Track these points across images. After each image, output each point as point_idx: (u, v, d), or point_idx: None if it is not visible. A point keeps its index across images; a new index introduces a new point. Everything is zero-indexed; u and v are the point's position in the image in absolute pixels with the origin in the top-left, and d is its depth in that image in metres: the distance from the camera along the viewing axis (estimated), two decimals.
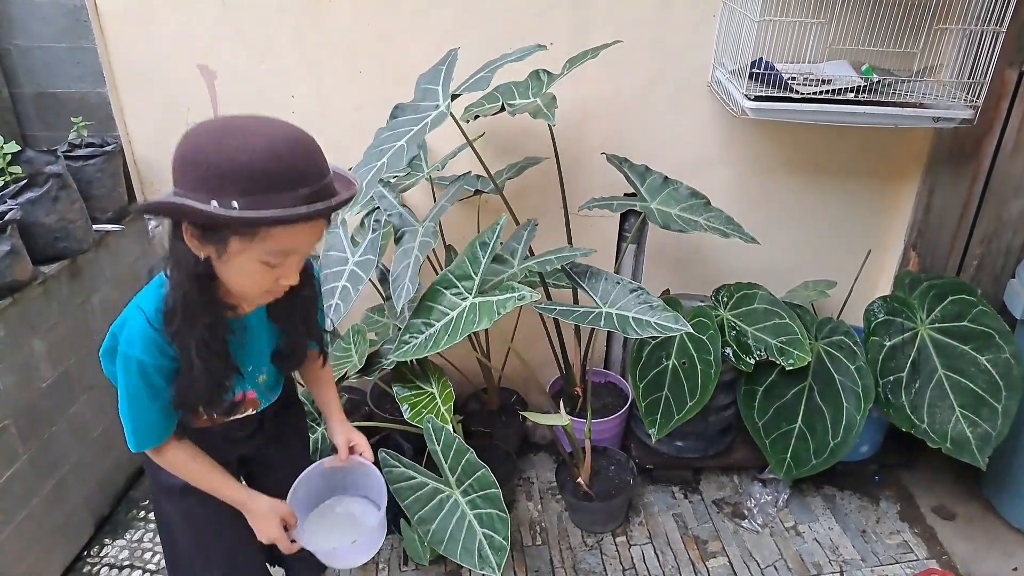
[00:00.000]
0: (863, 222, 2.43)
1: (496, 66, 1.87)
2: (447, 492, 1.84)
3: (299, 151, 0.96)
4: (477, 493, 1.81)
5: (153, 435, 1.19)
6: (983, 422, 2.00)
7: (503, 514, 1.77)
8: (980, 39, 1.84)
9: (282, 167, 0.94)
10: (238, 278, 1.05)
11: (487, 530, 1.77)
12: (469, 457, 1.81)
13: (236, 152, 0.93)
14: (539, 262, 1.93)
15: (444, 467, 1.83)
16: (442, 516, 1.82)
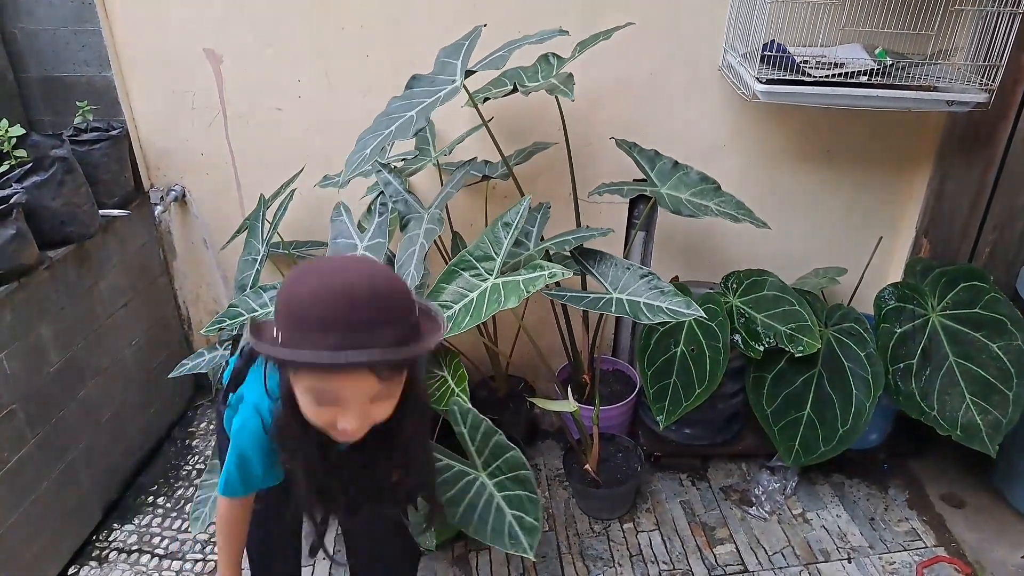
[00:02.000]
0: (874, 208, 2.41)
1: (516, 46, 1.85)
2: (474, 475, 1.82)
3: (351, 297, 0.93)
4: (506, 475, 1.80)
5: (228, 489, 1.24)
6: (994, 409, 1.99)
7: (533, 495, 1.76)
8: (996, 21, 1.81)
9: (318, 310, 0.93)
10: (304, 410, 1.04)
11: (517, 511, 1.76)
12: (497, 439, 1.79)
13: (299, 287, 0.96)
14: (556, 243, 1.91)
15: (471, 450, 1.82)
16: (469, 498, 1.80)
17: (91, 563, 2.08)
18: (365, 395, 1.00)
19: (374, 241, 1.97)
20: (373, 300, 0.94)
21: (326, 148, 2.28)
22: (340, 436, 1.04)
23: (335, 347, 0.92)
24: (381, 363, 0.95)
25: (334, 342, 0.92)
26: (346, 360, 0.92)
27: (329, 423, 1.02)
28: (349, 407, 1.00)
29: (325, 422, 1.02)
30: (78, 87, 2.20)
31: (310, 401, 1.01)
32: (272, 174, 2.28)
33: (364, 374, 0.97)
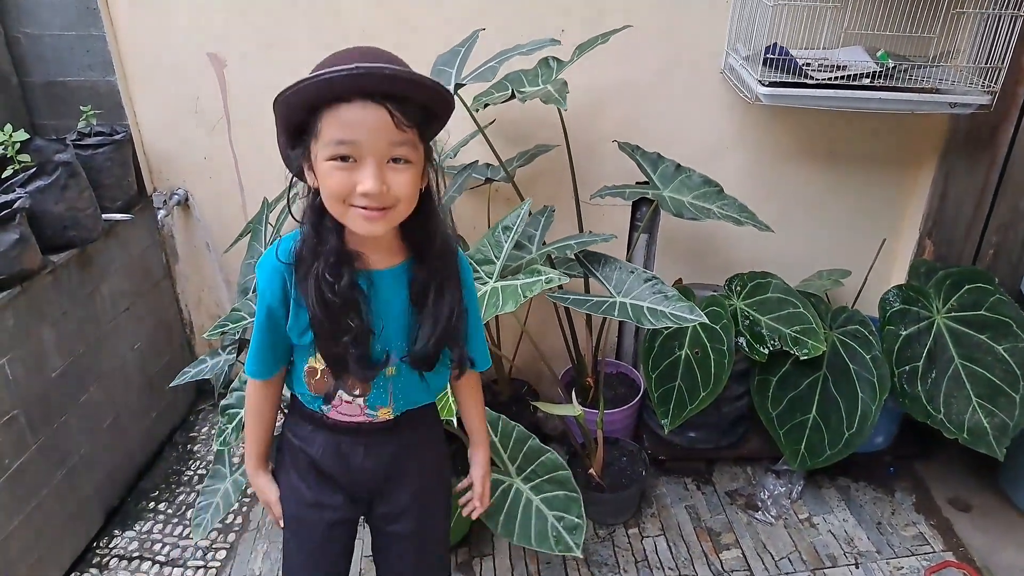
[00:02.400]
0: (877, 210, 2.40)
1: (506, 57, 1.86)
2: (508, 482, 1.83)
3: (364, 48, 0.99)
4: (542, 477, 1.82)
5: (253, 365, 1.21)
6: (1000, 412, 1.97)
7: (574, 493, 1.78)
8: (998, 23, 1.81)
9: (341, 54, 0.98)
10: (325, 191, 1.01)
11: (558, 512, 1.77)
12: (531, 443, 1.82)
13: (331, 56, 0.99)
14: (558, 247, 1.91)
15: (503, 457, 1.83)
16: (508, 506, 1.82)
17: (92, 570, 2.06)
18: (384, 140, 0.96)
19: None
20: (388, 53, 1.00)
21: None
22: (361, 200, 0.99)
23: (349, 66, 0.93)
24: (400, 78, 0.94)
25: (353, 66, 0.92)
26: (365, 69, 0.91)
27: (350, 190, 0.98)
28: (366, 161, 0.97)
29: (347, 190, 0.98)
30: (82, 92, 2.21)
31: (333, 169, 0.98)
32: (275, 178, 2.22)
33: (380, 113, 0.94)
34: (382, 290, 1.12)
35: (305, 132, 1.01)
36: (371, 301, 1.11)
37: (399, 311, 1.15)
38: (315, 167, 1.01)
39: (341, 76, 0.91)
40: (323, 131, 0.97)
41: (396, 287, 1.14)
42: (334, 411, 1.23)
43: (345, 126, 0.95)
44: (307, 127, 1.00)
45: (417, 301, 1.14)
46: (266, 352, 1.19)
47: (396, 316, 1.15)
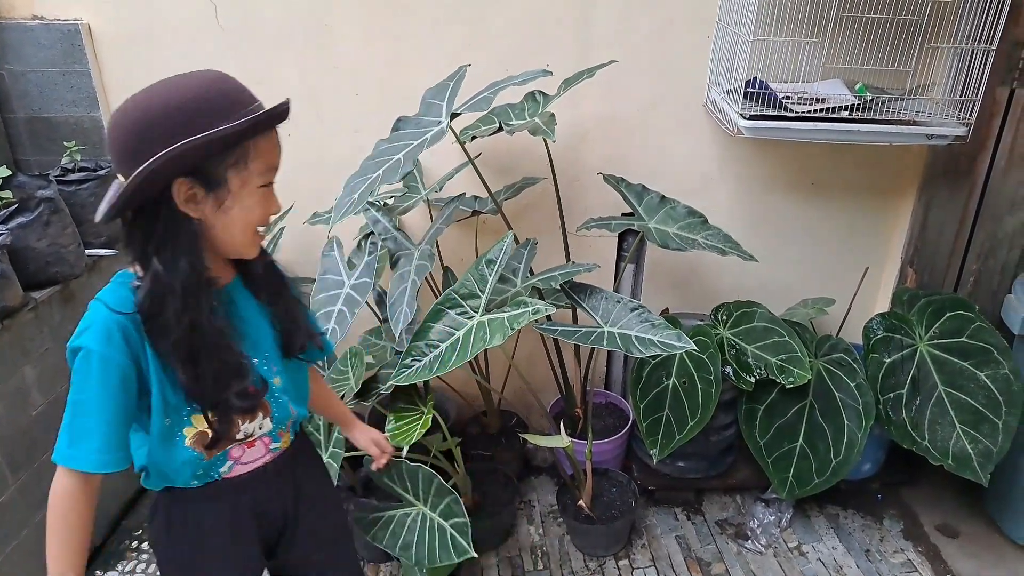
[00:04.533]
0: (860, 239, 2.44)
1: (500, 87, 1.88)
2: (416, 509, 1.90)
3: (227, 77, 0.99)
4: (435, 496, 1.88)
5: (100, 453, 0.98)
6: (984, 438, 1.99)
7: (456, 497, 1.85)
8: (971, 57, 1.86)
9: (234, 87, 0.98)
10: (241, 219, 1.01)
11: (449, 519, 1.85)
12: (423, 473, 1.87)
13: (189, 91, 0.94)
14: (543, 279, 1.91)
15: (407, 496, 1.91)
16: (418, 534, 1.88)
17: None
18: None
19: (361, 280, 1.97)
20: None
21: (317, 186, 2.28)
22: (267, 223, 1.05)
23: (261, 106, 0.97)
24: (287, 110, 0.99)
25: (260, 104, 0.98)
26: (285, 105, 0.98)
27: (265, 216, 1.03)
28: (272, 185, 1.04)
29: (269, 214, 1.04)
30: (65, 127, 2.20)
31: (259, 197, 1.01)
32: None
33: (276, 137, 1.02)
34: (239, 304, 1.12)
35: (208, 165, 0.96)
36: (233, 320, 1.08)
37: (256, 317, 1.14)
38: (235, 195, 0.99)
39: (280, 109, 0.97)
40: (255, 160, 0.98)
41: (244, 297, 1.14)
42: (237, 466, 1.15)
43: (274, 153, 1.01)
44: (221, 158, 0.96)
45: (271, 300, 1.16)
46: (119, 430, 1.00)
47: (256, 324, 1.14)
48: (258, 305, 1.15)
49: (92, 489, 1.04)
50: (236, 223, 1.01)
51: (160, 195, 0.95)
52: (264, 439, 1.17)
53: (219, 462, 1.13)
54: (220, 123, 0.92)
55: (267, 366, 1.14)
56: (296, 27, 2.11)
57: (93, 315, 0.99)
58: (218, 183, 0.97)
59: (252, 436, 1.14)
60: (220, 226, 1.01)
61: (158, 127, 0.92)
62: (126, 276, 1.01)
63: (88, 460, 0.99)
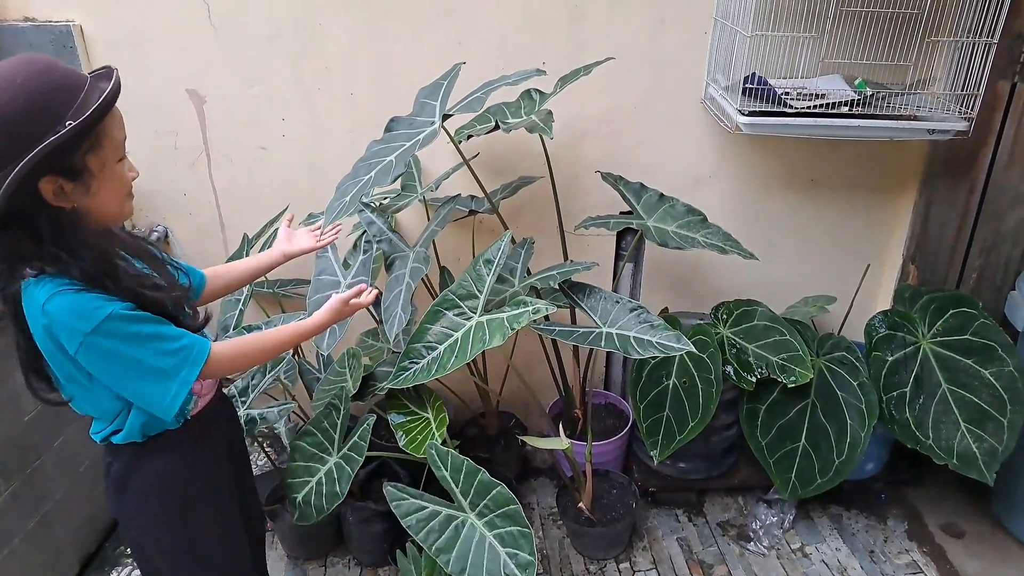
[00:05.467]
0: (861, 236, 2.41)
1: (493, 87, 1.86)
2: (462, 517, 1.76)
3: (50, 63, 1.00)
4: (494, 513, 1.73)
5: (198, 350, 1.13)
6: (989, 437, 1.97)
7: (526, 529, 1.69)
8: (972, 51, 1.84)
9: (61, 74, 0.99)
10: (111, 195, 1.08)
11: (511, 549, 1.70)
12: (481, 477, 1.74)
13: (22, 94, 0.95)
14: (541, 278, 1.89)
15: (455, 492, 1.76)
16: (460, 543, 1.72)
17: None
18: None
19: (357, 279, 1.95)
20: None
21: (311, 186, 2.27)
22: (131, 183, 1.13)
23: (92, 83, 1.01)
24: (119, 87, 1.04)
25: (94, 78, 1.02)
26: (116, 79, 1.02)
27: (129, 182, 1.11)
28: None
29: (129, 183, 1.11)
30: None
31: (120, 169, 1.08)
32: (257, 213, 2.26)
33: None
34: None
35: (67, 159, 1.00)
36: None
37: None
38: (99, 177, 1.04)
39: (116, 86, 1.01)
40: (106, 138, 1.04)
41: None
42: (199, 399, 1.29)
43: (120, 125, 1.07)
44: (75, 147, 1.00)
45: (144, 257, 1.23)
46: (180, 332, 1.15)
47: None
48: None
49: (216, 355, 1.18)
50: (107, 200, 1.08)
51: (32, 199, 1.00)
52: None
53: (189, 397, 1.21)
54: (65, 117, 0.96)
55: None
56: (288, 27, 2.09)
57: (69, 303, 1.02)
58: (80, 172, 1.02)
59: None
60: (95, 207, 1.06)
61: (4, 138, 0.95)
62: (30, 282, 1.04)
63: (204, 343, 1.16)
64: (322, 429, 1.94)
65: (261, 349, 1.26)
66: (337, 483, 1.85)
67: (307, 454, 1.94)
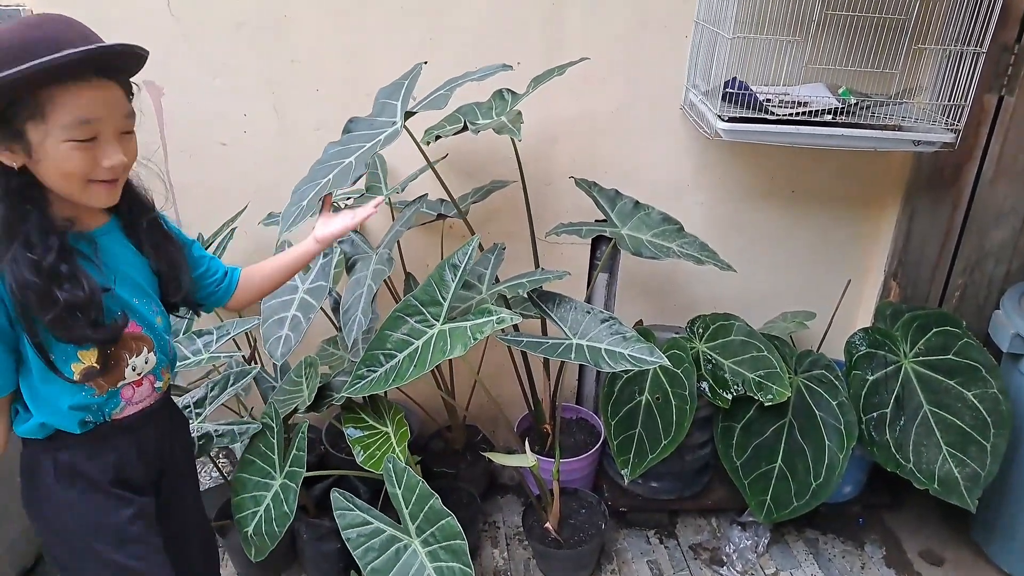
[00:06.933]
0: (842, 250, 2.35)
1: (457, 84, 1.77)
2: (405, 541, 1.66)
3: (56, 20, 0.95)
4: (439, 544, 1.62)
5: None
6: (971, 461, 1.89)
7: (467, 569, 1.59)
8: (960, 60, 1.78)
9: (45, 32, 0.91)
10: (57, 172, 0.98)
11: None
12: (433, 503, 1.64)
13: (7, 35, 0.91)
14: (509, 286, 1.80)
15: (404, 513, 1.66)
16: (398, 567, 1.63)
17: None
18: (120, 114, 1.00)
19: (315, 284, 1.86)
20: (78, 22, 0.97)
21: (274, 185, 2.17)
22: (108, 178, 1.02)
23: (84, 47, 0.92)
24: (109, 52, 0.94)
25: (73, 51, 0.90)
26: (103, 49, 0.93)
27: (92, 166, 0.99)
28: (107, 136, 0.99)
29: (91, 167, 0.99)
30: None
31: (70, 151, 0.96)
32: (216, 211, 2.16)
33: (114, 89, 0.98)
34: (109, 245, 1.11)
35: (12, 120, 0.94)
36: (101, 258, 1.08)
37: (135, 261, 1.16)
38: (39, 149, 0.96)
39: (79, 56, 0.91)
40: (54, 113, 0.94)
41: (118, 241, 1.14)
42: (128, 406, 1.18)
43: (86, 106, 0.95)
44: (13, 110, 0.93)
45: (152, 251, 1.17)
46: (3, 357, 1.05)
47: (132, 267, 1.15)
48: (135, 251, 1.16)
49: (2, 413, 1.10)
50: (52, 174, 0.99)
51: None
52: (150, 377, 1.19)
53: (113, 403, 1.15)
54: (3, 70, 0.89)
55: (147, 306, 1.17)
56: (253, 17, 2.00)
57: None
58: (17, 136, 0.95)
59: (141, 373, 1.16)
60: (41, 175, 0.99)
61: None
62: None
63: None
64: (260, 454, 1.82)
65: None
66: (285, 503, 1.74)
67: (251, 485, 1.81)
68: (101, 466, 1.16)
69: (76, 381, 1.08)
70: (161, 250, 1.18)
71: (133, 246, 1.16)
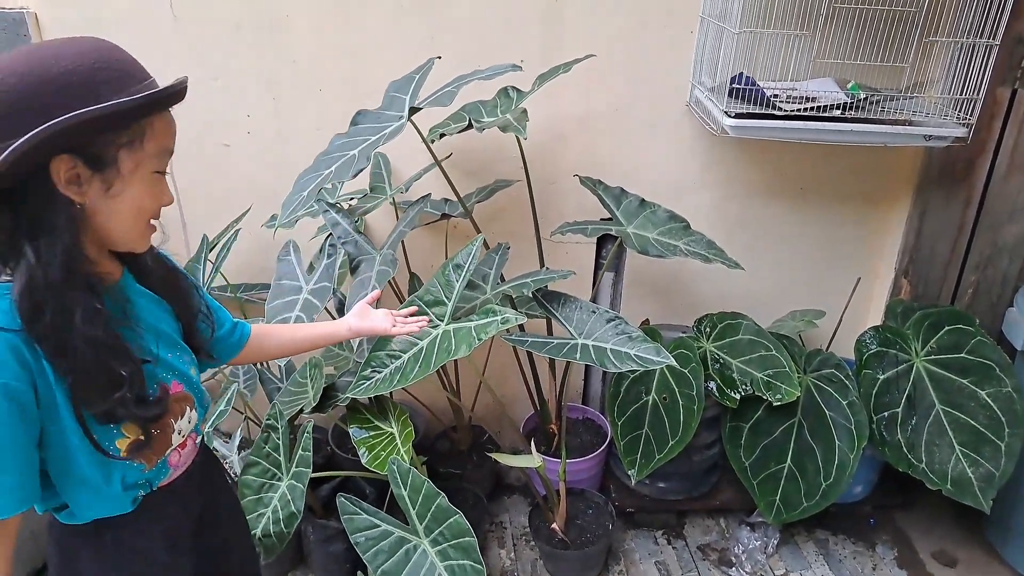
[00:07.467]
0: (851, 248, 2.31)
1: (464, 81, 1.76)
2: (414, 541, 1.66)
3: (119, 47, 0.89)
4: (449, 542, 1.62)
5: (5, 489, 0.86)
6: (985, 461, 1.87)
7: (478, 565, 1.59)
8: (972, 53, 1.74)
9: (127, 58, 0.88)
10: (134, 207, 0.89)
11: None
12: (440, 502, 1.63)
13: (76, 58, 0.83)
14: (514, 286, 1.79)
15: (411, 513, 1.66)
16: (409, 569, 1.63)
17: None
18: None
19: (319, 285, 1.85)
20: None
21: (277, 185, 2.15)
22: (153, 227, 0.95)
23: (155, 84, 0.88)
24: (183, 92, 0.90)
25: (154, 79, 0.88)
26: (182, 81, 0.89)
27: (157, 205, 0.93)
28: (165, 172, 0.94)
29: (160, 204, 0.93)
30: None
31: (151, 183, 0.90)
32: (220, 213, 2.15)
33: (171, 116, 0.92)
34: (136, 301, 1.00)
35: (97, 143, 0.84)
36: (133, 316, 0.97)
37: (159, 311, 1.05)
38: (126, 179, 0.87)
39: (179, 87, 0.88)
40: (151, 140, 0.88)
41: (138, 292, 1.03)
42: (174, 471, 1.07)
43: (170, 135, 0.92)
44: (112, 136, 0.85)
45: (168, 294, 1.06)
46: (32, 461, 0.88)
47: (159, 319, 1.04)
48: (158, 299, 1.05)
49: (10, 538, 0.92)
50: (126, 211, 0.89)
51: (36, 174, 0.82)
52: (192, 435, 1.10)
53: (161, 473, 1.04)
54: (113, 96, 0.82)
55: (180, 358, 1.05)
56: (254, 18, 1.99)
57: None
58: (107, 164, 0.85)
59: (185, 435, 1.05)
60: (107, 213, 0.88)
61: (39, 96, 0.80)
62: (4, 287, 0.85)
63: (6, 503, 0.87)
64: (265, 455, 1.81)
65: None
66: (292, 503, 1.74)
67: (256, 486, 1.81)
68: (151, 537, 1.06)
69: (123, 459, 0.95)
70: (178, 292, 1.08)
71: (150, 293, 1.04)
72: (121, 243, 0.94)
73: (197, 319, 1.10)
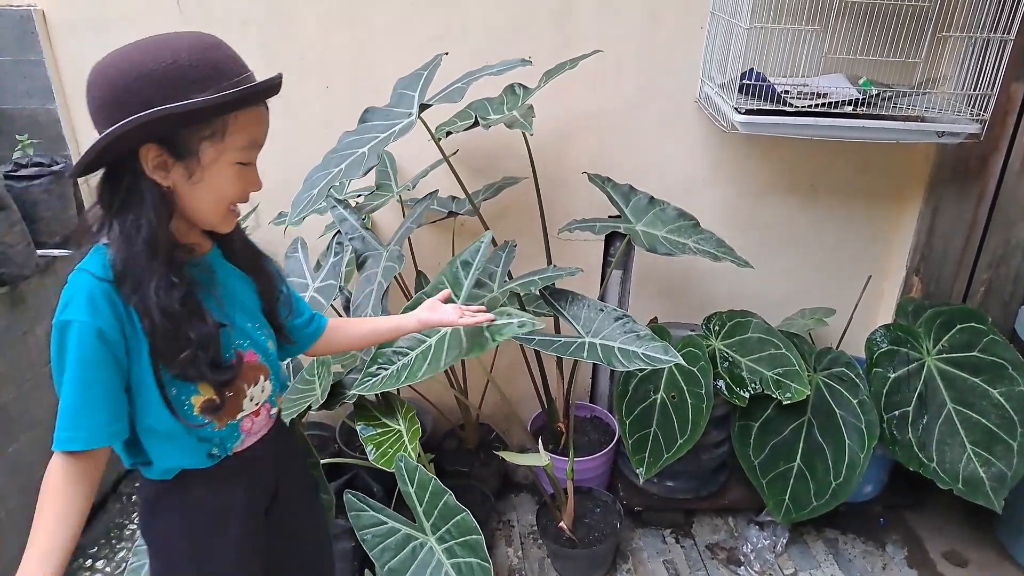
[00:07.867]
0: (862, 246, 2.29)
1: (474, 77, 1.75)
2: (421, 539, 1.66)
3: (220, 44, 0.94)
4: (455, 540, 1.62)
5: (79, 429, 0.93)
6: (997, 461, 1.85)
7: (485, 563, 1.58)
8: (986, 48, 1.72)
9: (223, 55, 0.93)
10: (214, 195, 0.97)
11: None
12: (447, 500, 1.63)
13: (173, 55, 0.89)
14: (521, 283, 1.78)
15: (418, 511, 1.65)
16: (415, 566, 1.62)
17: None
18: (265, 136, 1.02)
19: (326, 283, 1.85)
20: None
21: (284, 184, 2.14)
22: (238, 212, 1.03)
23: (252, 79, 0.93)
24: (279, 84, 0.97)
25: (250, 75, 0.94)
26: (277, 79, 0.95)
27: (246, 192, 1.00)
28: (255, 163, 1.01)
29: (245, 192, 1.00)
30: (20, 120, 2.08)
31: (234, 173, 0.97)
32: None
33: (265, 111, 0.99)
34: (220, 273, 1.07)
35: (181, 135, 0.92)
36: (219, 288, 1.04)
37: (243, 285, 1.12)
38: (207, 169, 0.95)
39: (268, 84, 0.94)
40: (235, 134, 0.94)
41: (224, 266, 1.10)
42: (248, 437, 1.12)
43: (258, 129, 0.98)
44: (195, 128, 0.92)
45: (252, 272, 1.12)
46: (120, 398, 0.95)
47: (242, 292, 1.11)
48: (243, 276, 1.12)
49: (96, 472, 0.98)
50: (206, 196, 0.97)
51: (128, 158, 0.92)
52: (266, 405, 1.14)
53: (233, 436, 1.09)
54: (199, 93, 0.88)
55: (260, 332, 1.12)
56: (260, 15, 1.99)
57: (75, 285, 0.94)
58: (188, 154, 0.93)
59: (258, 403, 1.11)
60: (189, 197, 0.97)
61: (134, 90, 0.88)
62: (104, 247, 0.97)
63: (94, 436, 0.94)
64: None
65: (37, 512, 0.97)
66: None
67: None
68: (229, 500, 1.11)
69: (196, 415, 1.01)
70: (261, 272, 1.14)
71: (237, 268, 1.11)
72: (204, 223, 1.01)
73: (278, 301, 1.16)
